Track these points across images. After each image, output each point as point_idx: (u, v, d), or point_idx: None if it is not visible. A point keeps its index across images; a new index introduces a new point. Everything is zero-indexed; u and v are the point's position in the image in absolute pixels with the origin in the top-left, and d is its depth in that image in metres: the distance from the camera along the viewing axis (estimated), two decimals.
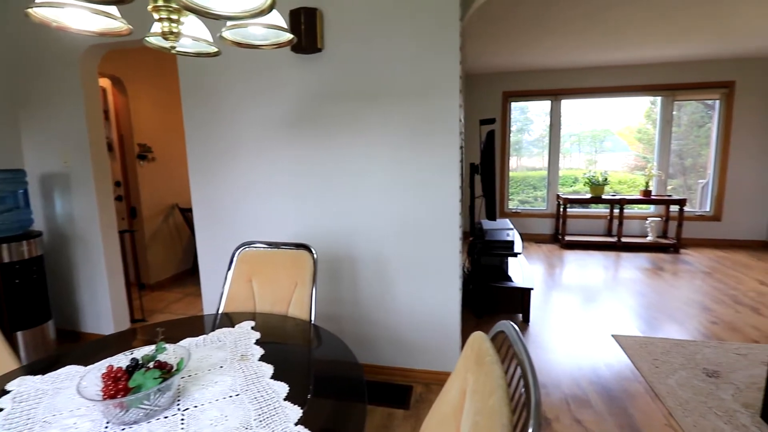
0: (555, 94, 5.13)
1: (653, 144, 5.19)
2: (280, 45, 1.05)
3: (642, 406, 1.90)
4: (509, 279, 2.87)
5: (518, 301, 2.74)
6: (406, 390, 2.01)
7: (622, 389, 2.03)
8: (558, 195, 5.20)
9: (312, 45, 1.88)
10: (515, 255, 2.69)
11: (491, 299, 2.82)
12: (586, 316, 2.94)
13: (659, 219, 4.86)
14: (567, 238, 4.97)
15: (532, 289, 2.68)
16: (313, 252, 1.51)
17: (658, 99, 5.00)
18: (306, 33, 1.86)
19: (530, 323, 2.78)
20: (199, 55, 1.09)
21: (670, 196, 4.85)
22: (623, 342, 2.50)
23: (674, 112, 5.01)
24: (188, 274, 4.02)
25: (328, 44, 1.93)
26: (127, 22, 0.88)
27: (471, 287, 2.80)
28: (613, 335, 2.59)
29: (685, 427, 1.74)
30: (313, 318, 1.43)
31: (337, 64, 1.93)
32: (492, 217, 2.72)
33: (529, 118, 5.81)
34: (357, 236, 2.01)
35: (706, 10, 3.04)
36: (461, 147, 2.76)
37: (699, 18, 3.18)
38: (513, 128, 5.95)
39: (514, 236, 3.00)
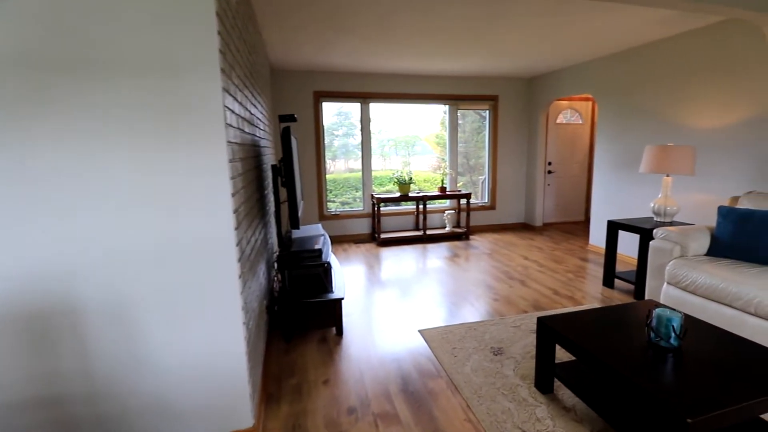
0: (364, 97, 5.25)
1: (447, 147, 5.91)
2: None
3: (444, 404, 1.91)
4: (326, 291, 2.62)
5: (330, 314, 2.52)
6: None
7: (427, 390, 2.02)
8: (372, 195, 5.36)
9: None
10: (323, 265, 2.46)
11: (302, 318, 2.51)
12: (398, 313, 2.96)
13: (453, 211, 5.56)
14: (382, 236, 5.16)
15: (342, 299, 2.50)
16: None
17: (447, 107, 5.70)
18: None
19: (344, 334, 2.61)
20: None
21: (459, 191, 5.60)
22: (428, 336, 2.57)
23: (459, 121, 5.81)
24: None
25: None
26: None
27: (276, 309, 2.43)
28: (419, 330, 2.65)
29: (480, 416, 1.80)
30: None
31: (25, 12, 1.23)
32: (295, 224, 2.41)
33: (353, 123, 5.86)
34: (81, 274, 1.36)
35: (478, 33, 3.48)
36: (256, 145, 2.36)
37: (472, 39, 3.64)
38: (339, 132, 5.90)
39: (324, 243, 2.78)
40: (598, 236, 4.71)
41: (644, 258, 3.16)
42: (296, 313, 2.48)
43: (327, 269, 2.59)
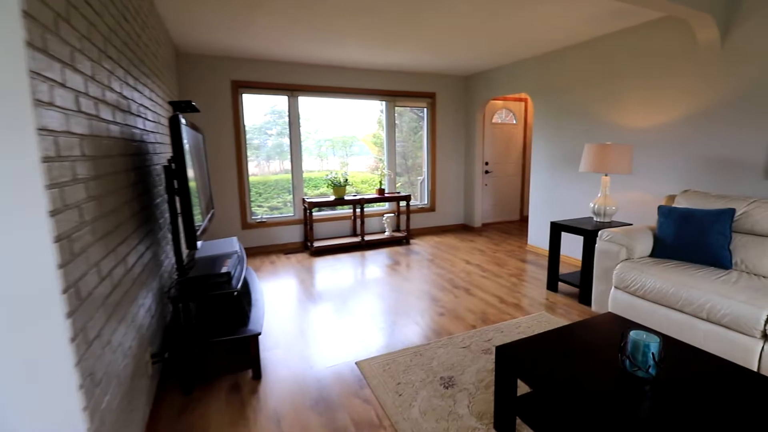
0: (291, 90, 4.70)
1: (384, 146, 5.56)
2: None
3: None
4: (239, 324, 2.08)
5: (244, 354, 1.99)
6: None
7: None
8: (303, 199, 4.83)
9: None
10: (233, 293, 1.93)
11: (206, 362, 1.95)
12: (332, 341, 2.51)
13: (393, 215, 5.22)
14: (316, 244, 4.66)
15: (258, 334, 1.98)
16: None
17: (384, 104, 5.34)
18: None
19: (263, 378, 2.09)
20: None
21: (399, 193, 5.27)
22: (367, 369, 2.16)
23: (396, 121, 5.49)
24: None
25: None
26: None
27: (167, 356, 1.86)
28: (357, 362, 2.23)
29: None
30: None
31: None
32: (191, 243, 1.85)
33: (288, 121, 5.25)
34: None
35: (404, 19, 3.14)
36: (136, 141, 1.72)
37: (399, 25, 3.29)
38: (272, 131, 5.25)
39: (237, 264, 2.23)
40: (536, 237, 4.66)
41: (588, 260, 3.05)
42: (198, 358, 1.92)
43: (239, 297, 2.06)
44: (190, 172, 1.99)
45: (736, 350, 2.02)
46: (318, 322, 2.80)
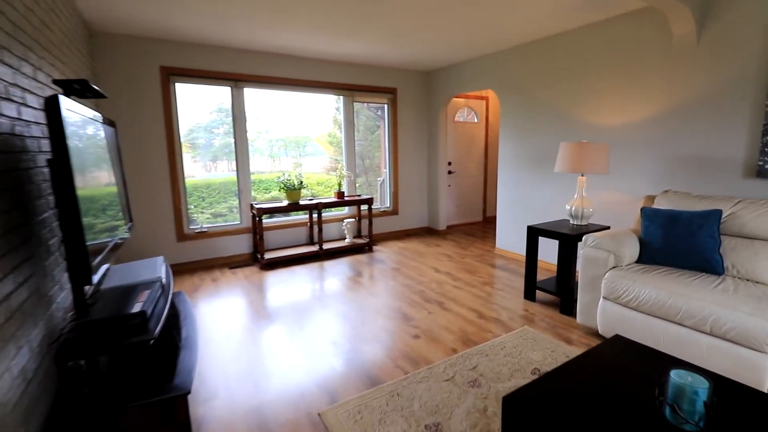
0: (235, 79, 4.12)
1: (341, 147, 5.12)
2: None
3: None
4: (161, 381, 1.56)
5: (166, 421, 1.48)
6: None
7: None
8: (252, 204, 4.26)
9: None
10: (148, 342, 1.41)
11: None
12: (286, 384, 2.04)
13: (353, 219, 4.79)
14: (267, 255, 4.12)
15: (187, 393, 1.48)
16: None
17: (341, 98, 4.90)
18: None
19: None
20: None
21: (360, 196, 4.86)
22: (333, 422, 1.72)
23: (354, 120, 5.06)
24: None
25: None
26: None
27: None
28: (320, 413, 1.79)
29: None
30: None
31: None
32: (84, 277, 1.31)
33: (232, 116, 4.61)
34: None
35: (366, 9, 2.74)
36: (4, 133, 1.13)
37: (360, 13, 2.89)
38: (219, 130, 4.58)
39: (156, 298, 1.70)
40: (505, 239, 4.45)
41: (565, 265, 2.82)
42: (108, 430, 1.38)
43: (163, 341, 1.54)
44: (85, 177, 1.45)
45: (744, 367, 1.83)
46: (270, 357, 2.31)
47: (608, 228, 3.03)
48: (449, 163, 5.78)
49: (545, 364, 2.18)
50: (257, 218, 3.98)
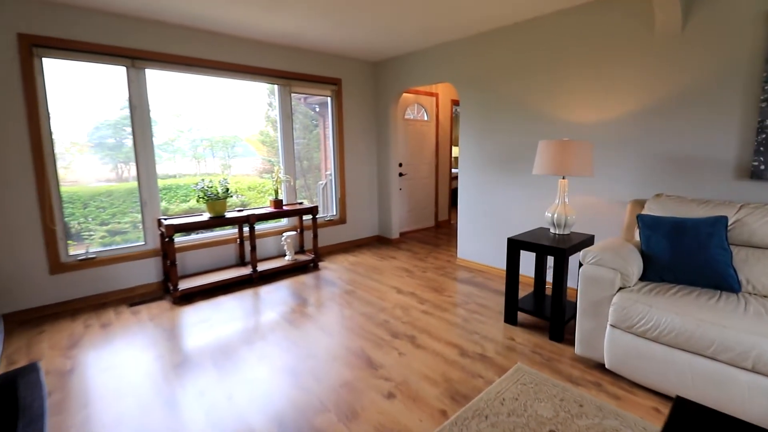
0: (132, 57, 3.16)
1: (276, 147, 4.33)
2: None
3: None
4: None
5: None
6: None
7: None
8: (160, 221, 3.32)
9: None
10: None
11: None
12: None
13: (295, 232, 4.04)
14: (183, 285, 3.21)
15: None
16: None
17: (276, 88, 4.12)
18: None
19: None
20: None
21: (302, 203, 4.12)
22: None
23: (291, 114, 4.29)
24: None
25: None
26: None
27: None
28: None
29: None
30: None
31: None
32: None
33: (154, 119, 3.56)
34: None
35: None
36: None
37: None
38: (130, 129, 3.47)
39: None
40: (467, 248, 4.02)
41: (557, 285, 2.41)
42: None
43: None
44: None
45: None
46: None
47: (593, 237, 2.68)
48: (400, 165, 5.26)
49: (560, 422, 1.70)
50: (167, 238, 3.06)
